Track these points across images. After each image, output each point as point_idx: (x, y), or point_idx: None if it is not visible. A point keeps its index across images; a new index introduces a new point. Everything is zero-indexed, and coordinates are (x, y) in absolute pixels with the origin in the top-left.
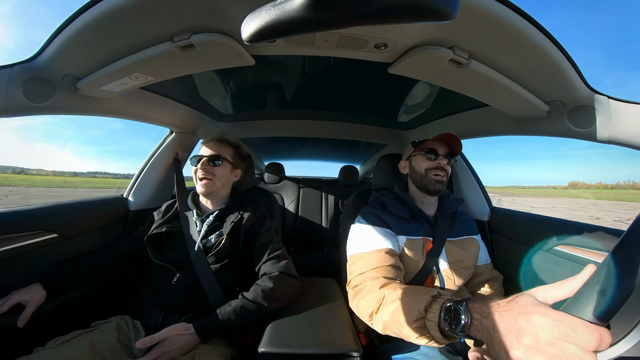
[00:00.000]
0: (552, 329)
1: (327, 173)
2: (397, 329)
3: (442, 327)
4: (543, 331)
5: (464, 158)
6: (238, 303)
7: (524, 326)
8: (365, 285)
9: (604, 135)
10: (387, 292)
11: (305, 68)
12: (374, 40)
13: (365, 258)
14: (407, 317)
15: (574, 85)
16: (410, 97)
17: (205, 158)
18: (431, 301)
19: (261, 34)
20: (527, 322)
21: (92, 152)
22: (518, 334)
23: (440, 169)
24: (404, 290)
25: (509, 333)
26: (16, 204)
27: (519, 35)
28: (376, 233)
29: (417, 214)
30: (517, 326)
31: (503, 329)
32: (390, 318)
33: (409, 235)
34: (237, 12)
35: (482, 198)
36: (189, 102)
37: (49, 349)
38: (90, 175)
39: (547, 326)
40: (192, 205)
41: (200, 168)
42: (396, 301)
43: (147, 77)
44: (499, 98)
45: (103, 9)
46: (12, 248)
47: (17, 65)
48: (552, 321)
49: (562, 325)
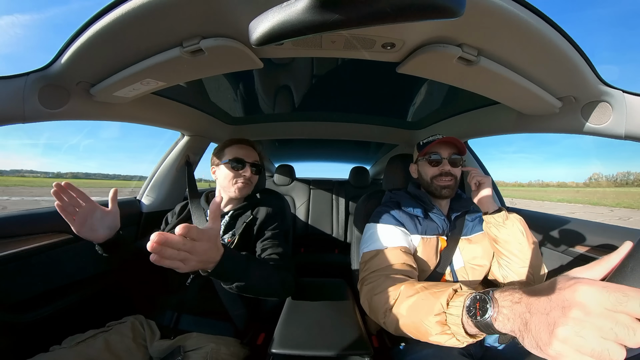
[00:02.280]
0: (602, 298)
1: (338, 174)
2: (415, 326)
3: (464, 322)
4: (592, 301)
5: (475, 157)
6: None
7: (570, 298)
8: (380, 281)
9: (619, 130)
10: (404, 288)
11: (314, 70)
12: (382, 40)
13: (380, 255)
14: (427, 312)
15: (587, 80)
16: (420, 96)
17: (249, 164)
18: (453, 294)
19: (269, 37)
20: (573, 293)
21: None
22: (564, 307)
23: (445, 175)
24: (422, 285)
25: (551, 310)
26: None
27: (528, 30)
28: (391, 231)
29: (432, 212)
30: (562, 299)
31: (543, 308)
32: (407, 314)
33: (424, 234)
34: (245, 16)
35: (494, 197)
36: (200, 106)
37: (65, 348)
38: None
39: (596, 295)
40: (206, 205)
41: (246, 175)
42: (414, 296)
43: (158, 83)
44: (509, 95)
45: (114, 17)
46: (28, 248)
47: (32, 73)
48: (601, 289)
49: (612, 292)
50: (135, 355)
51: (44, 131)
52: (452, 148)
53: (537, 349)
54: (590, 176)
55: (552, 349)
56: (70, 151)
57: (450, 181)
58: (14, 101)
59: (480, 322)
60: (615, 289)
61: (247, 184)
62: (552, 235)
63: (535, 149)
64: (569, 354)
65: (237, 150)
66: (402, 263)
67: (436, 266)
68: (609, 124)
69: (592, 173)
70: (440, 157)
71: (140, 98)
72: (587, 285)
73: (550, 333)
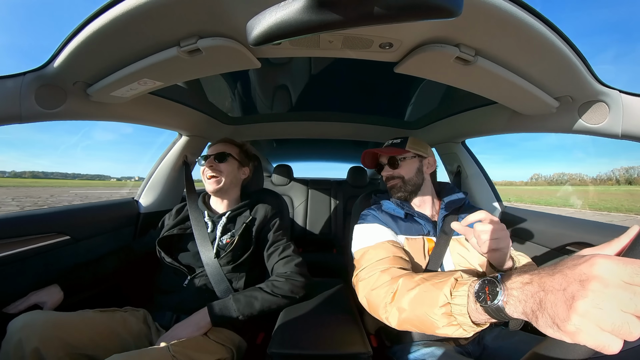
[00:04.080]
0: (620, 271)
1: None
2: (420, 320)
3: (470, 311)
4: (611, 274)
5: (473, 157)
6: (254, 293)
7: (588, 272)
8: (376, 276)
9: (616, 130)
10: (403, 280)
11: (312, 70)
12: (379, 40)
13: (371, 251)
14: (431, 304)
15: (584, 79)
16: (417, 96)
17: (211, 156)
18: (455, 283)
19: (266, 37)
20: (591, 267)
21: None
22: (582, 281)
23: (389, 178)
24: (421, 277)
25: (568, 285)
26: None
27: (525, 31)
28: (378, 229)
29: (411, 213)
30: (579, 273)
31: (559, 284)
32: (410, 307)
33: (407, 235)
34: (242, 15)
35: (492, 197)
36: (197, 106)
37: (90, 311)
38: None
39: (614, 268)
40: (203, 206)
41: (207, 166)
42: (415, 289)
43: (155, 82)
44: (507, 95)
45: (111, 17)
46: (26, 250)
47: (29, 73)
48: (618, 262)
49: (629, 265)
50: (144, 341)
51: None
52: (387, 151)
53: (553, 327)
54: (532, 176)
55: (571, 324)
56: (21, 147)
57: (395, 183)
58: (10, 101)
59: (490, 307)
60: (631, 262)
61: (214, 177)
62: (550, 233)
63: (495, 151)
64: (588, 329)
65: (208, 150)
66: (394, 256)
67: (425, 268)
68: (606, 124)
69: (533, 173)
70: (382, 165)
71: (137, 98)
72: (604, 259)
73: (569, 308)
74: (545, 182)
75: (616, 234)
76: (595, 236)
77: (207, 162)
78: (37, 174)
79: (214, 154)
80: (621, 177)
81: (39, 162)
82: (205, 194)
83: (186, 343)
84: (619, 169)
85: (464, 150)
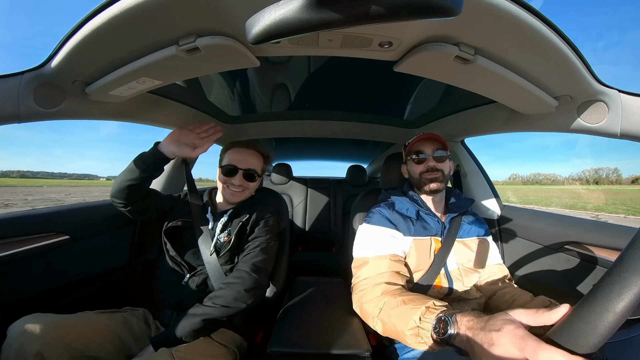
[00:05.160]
0: (512, 348)
1: (336, 173)
2: (395, 333)
3: (433, 336)
4: (505, 346)
5: (472, 156)
6: (195, 310)
7: (495, 340)
8: (369, 289)
9: (615, 129)
10: (387, 299)
11: (311, 68)
12: (379, 38)
13: (370, 263)
14: (404, 325)
15: (583, 79)
16: (417, 95)
17: (241, 172)
18: (425, 312)
19: (265, 35)
20: (498, 336)
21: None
22: (490, 344)
23: (431, 170)
24: (402, 299)
25: (483, 344)
26: None
27: (525, 30)
28: (382, 237)
29: (425, 213)
30: (490, 338)
31: (480, 341)
32: (390, 322)
33: (416, 236)
34: (241, 14)
35: (492, 196)
36: (197, 105)
37: (90, 313)
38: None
39: (508, 345)
40: (209, 202)
41: (235, 183)
42: (395, 308)
43: (154, 81)
44: (506, 94)
45: (109, 15)
46: (25, 249)
47: (27, 72)
48: (515, 343)
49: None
50: (145, 340)
51: None
52: (434, 144)
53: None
54: (510, 176)
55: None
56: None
57: (437, 175)
58: (8, 101)
59: (441, 339)
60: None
61: (237, 192)
62: (548, 232)
63: (481, 152)
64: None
65: (233, 155)
66: (390, 272)
67: (430, 267)
68: (605, 123)
69: (511, 173)
70: (425, 155)
71: (136, 97)
72: (504, 339)
73: (487, 355)
74: (521, 181)
75: (612, 233)
76: (592, 235)
77: (237, 178)
78: (25, 174)
79: (244, 169)
80: (590, 177)
81: (22, 160)
82: (211, 191)
83: (190, 347)
84: (589, 169)
85: (463, 149)
